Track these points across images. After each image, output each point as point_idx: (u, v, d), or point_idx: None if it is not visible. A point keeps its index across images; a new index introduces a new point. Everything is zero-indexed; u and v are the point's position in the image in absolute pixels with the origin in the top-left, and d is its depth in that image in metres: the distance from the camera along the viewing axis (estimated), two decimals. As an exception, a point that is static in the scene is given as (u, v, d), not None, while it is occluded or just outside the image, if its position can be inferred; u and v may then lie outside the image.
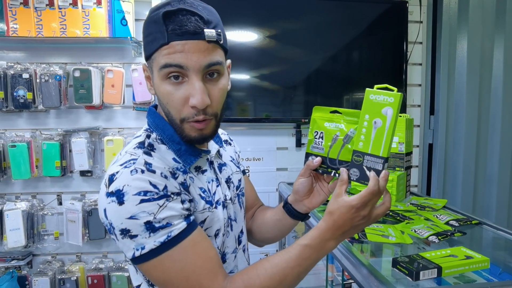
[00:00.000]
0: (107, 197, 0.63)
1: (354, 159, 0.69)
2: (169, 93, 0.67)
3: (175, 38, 0.64)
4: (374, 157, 0.67)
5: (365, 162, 0.68)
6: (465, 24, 2.02)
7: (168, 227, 0.63)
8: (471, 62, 2.03)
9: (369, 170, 0.67)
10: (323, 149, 0.75)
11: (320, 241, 0.67)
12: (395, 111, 0.65)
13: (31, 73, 1.74)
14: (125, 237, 0.63)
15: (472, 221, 1.25)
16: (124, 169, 0.64)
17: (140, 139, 0.72)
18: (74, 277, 1.82)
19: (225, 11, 1.82)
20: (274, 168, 2.02)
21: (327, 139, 0.75)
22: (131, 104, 1.86)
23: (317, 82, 1.96)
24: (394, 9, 1.97)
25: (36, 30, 1.68)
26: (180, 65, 0.65)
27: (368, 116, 0.67)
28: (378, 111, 0.66)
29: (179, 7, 0.65)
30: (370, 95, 0.68)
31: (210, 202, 0.74)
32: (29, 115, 1.84)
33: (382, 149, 0.66)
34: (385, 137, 0.66)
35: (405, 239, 1.06)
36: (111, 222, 0.63)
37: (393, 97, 0.65)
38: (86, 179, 1.88)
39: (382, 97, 0.66)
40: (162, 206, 0.63)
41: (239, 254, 0.86)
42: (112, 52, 1.85)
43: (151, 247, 0.62)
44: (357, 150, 0.69)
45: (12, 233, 1.75)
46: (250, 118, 1.92)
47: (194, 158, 0.74)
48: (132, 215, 0.61)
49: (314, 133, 0.76)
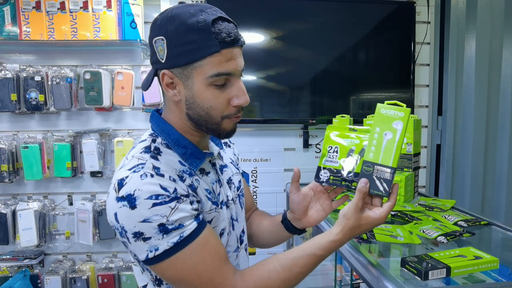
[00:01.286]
0: (117, 201, 0.64)
1: (364, 169, 0.72)
2: (215, 97, 0.70)
3: (225, 46, 0.67)
4: (384, 167, 0.70)
5: (375, 172, 0.71)
6: (473, 24, 2.01)
7: (180, 228, 0.65)
8: (480, 62, 2.01)
9: (379, 180, 0.70)
10: (337, 163, 0.77)
11: (332, 251, 0.72)
12: (404, 124, 0.70)
13: (43, 76, 1.77)
14: (138, 240, 0.64)
15: (481, 221, 1.24)
16: (134, 174, 0.65)
17: (146, 144, 0.73)
18: (85, 276, 1.85)
19: (233, 13, 1.84)
20: (282, 168, 2.02)
21: (342, 153, 0.77)
22: (140, 105, 1.88)
23: (324, 83, 1.96)
24: (401, 10, 1.97)
25: (48, 33, 1.72)
26: (230, 73, 0.69)
27: (379, 129, 0.71)
28: (389, 124, 0.71)
29: (218, 15, 0.68)
30: (382, 109, 0.72)
31: (216, 203, 0.77)
32: (41, 117, 1.88)
33: (392, 159, 0.70)
34: (395, 149, 0.70)
35: (414, 239, 1.06)
36: (123, 226, 0.65)
37: (403, 112, 0.70)
38: (97, 180, 1.91)
39: (392, 111, 0.71)
40: (174, 208, 0.65)
41: (241, 253, 0.88)
42: (121, 54, 1.88)
43: (164, 248, 0.64)
44: (367, 160, 0.72)
45: (25, 233, 1.78)
46: (257, 119, 1.93)
47: (199, 161, 0.75)
48: (145, 219, 0.63)
49: (328, 147, 0.78)
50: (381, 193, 0.70)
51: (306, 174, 2.41)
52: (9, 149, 1.78)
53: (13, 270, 1.83)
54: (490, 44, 2.02)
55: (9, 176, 1.77)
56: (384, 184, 0.70)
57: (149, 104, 1.84)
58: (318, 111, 1.96)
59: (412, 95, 1.99)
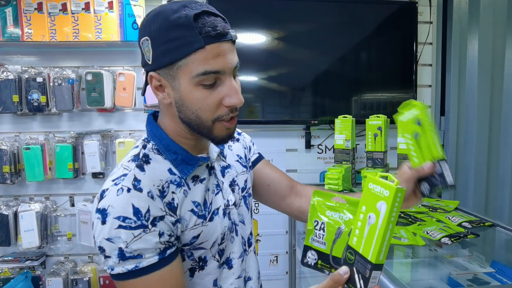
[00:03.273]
0: (96, 212, 0.64)
1: (347, 256, 0.58)
2: (203, 98, 0.65)
3: (210, 41, 0.62)
4: (363, 260, 0.54)
5: (355, 263, 0.56)
6: (476, 24, 2.00)
7: (138, 258, 0.63)
8: (482, 62, 2.00)
9: (358, 274, 0.55)
10: (325, 244, 0.63)
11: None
12: (388, 207, 0.51)
13: (44, 77, 1.77)
14: (101, 254, 0.64)
15: (485, 223, 1.23)
16: (113, 187, 0.64)
17: (136, 151, 0.72)
18: (86, 277, 1.85)
19: (234, 13, 1.84)
20: (284, 169, 2.01)
21: (329, 232, 0.62)
22: (142, 106, 1.88)
23: (326, 83, 1.96)
24: (403, 10, 1.96)
25: (50, 34, 1.72)
26: (218, 71, 0.64)
27: (365, 208, 0.56)
28: (373, 205, 0.54)
29: (202, 9, 0.62)
30: (369, 184, 0.56)
31: (204, 216, 0.72)
32: (42, 118, 1.88)
33: (371, 252, 0.53)
34: (375, 238, 0.52)
35: (417, 240, 1.06)
36: (94, 236, 0.65)
37: (388, 190, 0.52)
38: (98, 181, 1.91)
39: (378, 188, 0.54)
40: (137, 237, 0.62)
41: (249, 256, 0.85)
42: (123, 55, 1.87)
43: (118, 271, 0.63)
44: (351, 246, 0.57)
45: (27, 234, 1.78)
46: (259, 120, 1.92)
47: (191, 167, 0.72)
48: (109, 237, 0.62)
49: (314, 222, 0.64)
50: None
51: (308, 175, 2.40)
52: (11, 150, 1.78)
53: (14, 271, 1.83)
54: (493, 44, 2.01)
55: (11, 177, 1.77)
56: (361, 281, 0.54)
57: (151, 105, 1.84)
58: (320, 111, 1.95)
59: (414, 96, 1.99)
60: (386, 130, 1.68)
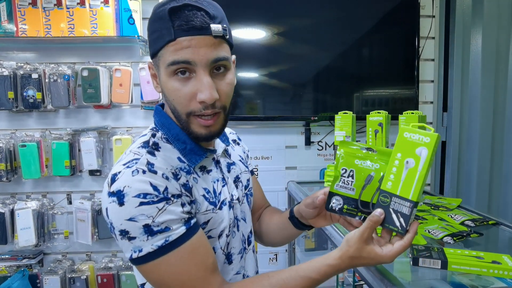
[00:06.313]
0: (108, 196, 0.62)
1: (380, 199, 0.64)
2: (176, 89, 0.66)
3: (181, 34, 0.63)
4: (403, 200, 0.61)
5: (392, 204, 0.62)
6: (479, 18, 1.96)
7: (166, 232, 0.62)
8: (486, 57, 1.96)
9: (396, 214, 0.62)
10: (353, 190, 0.67)
11: (328, 277, 0.67)
12: (430, 152, 0.59)
13: (40, 73, 1.74)
14: (124, 238, 0.62)
15: (488, 221, 1.20)
16: (126, 169, 0.63)
17: (145, 138, 0.71)
18: (84, 276, 1.83)
19: (233, 8, 1.81)
20: (283, 166, 1.99)
21: (358, 179, 0.67)
22: (139, 103, 1.85)
23: (326, 79, 1.93)
24: (405, 4, 1.92)
25: (45, 30, 1.69)
26: (188, 61, 0.64)
27: (400, 155, 0.62)
28: (411, 151, 0.61)
29: (184, 2, 0.64)
30: (405, 133, 0.62)
31: (214, 203, 0.73)
32: (38, 115, 1.85)
33: (412, 192, 0.60)
34: (416, 179, 0.60)
35: (419, 239, 1.03)
36: (112, 222, 0.63)
37: (429, 137, 0.60)
38: (95, 178, 1.89)
39: (417, 136, 0.61)
40: (162, 210, 0.62)
41: (248, 255, 0.85)
42: (119, 51, 1.85)
43: (148, 250, 0.62)
44: (384, 190, 0.63)
45: (23, 232, 1.76)
46: (259, 117, 1.89)
47: (199, 157, 0.73)
48: (131, 217, 0.61)
49: (342, 170, 0.68)
50: (396, 229, 0.62)
51: (308, 172, 2.38)
52: (6, 147, 1.76)
53: (11, 270, 1.82)
54: (497, 38, 1.97)
55: (7, 175, 1.75)
56: (401, 219, 0.61)
57: (147, 101, 1.81)
58: (320, 108, 1.92)
59: (416, 91, 1.95)
60: (387, 127, 1.64)
